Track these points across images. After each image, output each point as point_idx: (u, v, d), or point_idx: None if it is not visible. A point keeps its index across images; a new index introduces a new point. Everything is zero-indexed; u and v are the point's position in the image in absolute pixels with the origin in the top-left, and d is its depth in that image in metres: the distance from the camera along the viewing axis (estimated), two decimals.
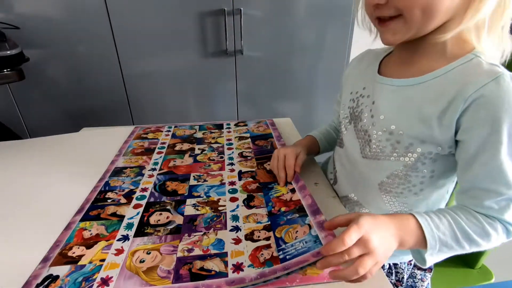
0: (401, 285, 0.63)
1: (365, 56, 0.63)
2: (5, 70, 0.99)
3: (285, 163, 0.64)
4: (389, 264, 0.63)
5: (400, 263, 0.63)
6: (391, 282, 0.63)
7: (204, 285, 0.42)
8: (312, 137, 0.75)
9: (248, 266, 0.44)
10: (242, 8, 1.26)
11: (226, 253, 0.47)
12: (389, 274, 0.63)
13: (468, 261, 0.74)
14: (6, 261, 0.47)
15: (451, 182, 0.54)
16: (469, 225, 0.44)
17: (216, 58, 1.36)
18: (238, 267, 0.44)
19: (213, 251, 0.47)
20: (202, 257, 0.46)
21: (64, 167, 0.73)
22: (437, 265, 0.68)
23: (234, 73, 1.40)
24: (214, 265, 0.45)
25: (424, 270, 0.66)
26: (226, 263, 0.45)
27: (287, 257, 0.44)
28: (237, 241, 0.49)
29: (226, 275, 0.43)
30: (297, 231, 0.49)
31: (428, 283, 0.67)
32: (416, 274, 0.66)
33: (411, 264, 0.64)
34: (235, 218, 0.54)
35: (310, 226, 0.49)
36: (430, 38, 0.45)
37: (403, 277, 0.63)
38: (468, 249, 0.44)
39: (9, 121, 1.26)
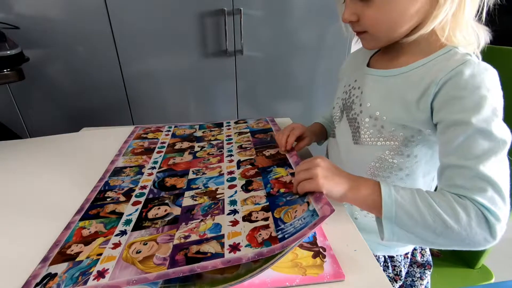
0: (400, 279, 0.63)
1: (359, 52, 0.68)
2: (5, 70, 0.99)
3: (290, 132, 0.69)
4: (385, 257, 0.63)
5: (396, 255, 0.63)
6: (388, 275, 0.63)
7: (199, 266, 0.40)
8: (320, 125, 0.79)
9: (245, 246, 0.42)
10: (242, 8, 1.26)
11: (223, 235, 0.45)
12: (385, 267, 0.63)
13: (468, 261, 0.74)
14: (6, 261, 0.47)
15: (436, 170, 0.53)
16: (433, 198, 0.42)
17: (216, 58, 1.36)
18: (235, 247, 0.43)
19: (210, 235, 0.46)
20: (199, 242, 0.45)
21: (64, 167, 0.73)
22: (437, 265, 0.68)
23: (234, 73, 1.40)
24: (210, 247, 0.43)
25: (424, 267, 0.66)
26: (222, 245, 0.43)
27: (286, 236, 0.42)
28: (234, 223, 0.48)
29: (222, 255, 0.41)
30: (296, 211, 0.47)
31: (427, 282, 0.66)
32: (415, 273, 0.66)
33: (407, 257, 0.64)
34: (233, 202, 0.53)
35: (308, 203, 0.47)
36: (405, 40, 0.52)
37: (400, 271, 0.63)
38: (432, 223, 0.41)
39: (9, 121, 1.26)
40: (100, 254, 0.45)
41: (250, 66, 1.39)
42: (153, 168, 0.70)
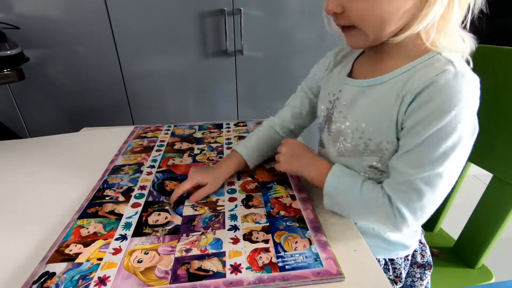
0: (400, 281, 0.63)
1: (341, 54, 0.64)
2: (5, 70, 0.99)
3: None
4: (385, 260, 0.63)
5: (397, 258, 0.63)
6: (389, 278, 0.63)
7: (201, 285, 0.41)
8: (236, 158, 0.67)
9: (246, 268, 0.44)
10: (242, 8, 1.26)
11: (224, 252, 0.47)
12: (386, 270, 0.63)
13: (468, 261, 0.74)
14: (4, 261, 0.47)
15: None
16: (367, 192, 0.49)
17: (216, 58, 1.36)
18: (236, 268, 0.44)
19: (211, 251, 0.47)
20: (200, 257, 0.46)
21: (64, 167, 0.73)
22: (437, 265, 0.68)
23: (234, 73, 1.40)
24: (212, 265, 0.45)
25: (424, 267, 0.66)
26: (224, 263, 0.45)
27: (286, 266, 0.44)
28: (235, 240, 0.49)
29: (224, 275, 0.43)
30: (296, 242, 0.49)
31: (427, 282, 0.66)
32: (415, 273, 0.66)
33: (408, 259, 0.64)
34: (234, 217, 0.54)
35: (310, 241, 0.49)
36: (389, 42, 0.48)
37: (401, 273, 0.63)
38: (357, 211, 0.52)
39: (9, 121, 1.26)
40: (101, 259, 0.46)
41: (250, 66, 1.39)
42: (152, 167, 0.70)
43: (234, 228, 0.52)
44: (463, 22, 0.46)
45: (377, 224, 0.55)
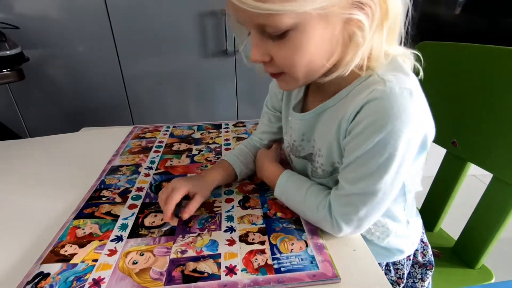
0: (402, 282, 0.63)
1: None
2: (5, 70, 0.99)
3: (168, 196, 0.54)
4: (387, 262, 0.63)
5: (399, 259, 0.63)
6: (391, 279, 0.63)
7: (196, 287, 0.41)
8: (225, 165, 0.64)
9: (242, 270, 0.44)
10: None
11: (220, 254, 0.46)
12: (387, 271, 0.63)
13: (468, 261, 0.74)
14: (2, 260, 0.47)
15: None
16: (309, 199, 0.52)
17: (216, 58, 1.36)
18: (231, 270, 0.44)
19: (206, 253, 0.47)
20: (195, 259, 0.46)
21: (64, 167, 0.73)
22: (437, 265, 0.67)
23: (234, 73, 1.40)
24: (207, 266, 0.44)
25: (426, 267, 0.65)
26: (219, 265, 0.44)
27: (282, 269, 0.44)
28: (231, 242, 0.49)
29: (218, 277, 0.43)
30: (293, 244, 0.48)
31: (429, 283, 0.66)
32: (417, 274, 0.65)
33: (409, 259, 0.64)
34: (230, 218, 0.54)
35: (306, 243, 0.49)
36: (321, 81, 0.46)
37: (403, 273, 0.63)
38: (300, 212, 0.54)
39: (9, 121, 1.26)
40: (96, 260, 0.46)
41: (250, 66, 1.39)
42: (150, 168, 0.70)
43: (230, 229, 0.51)
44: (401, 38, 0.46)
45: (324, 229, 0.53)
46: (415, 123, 0.41)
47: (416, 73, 0.48)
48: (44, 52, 1.25)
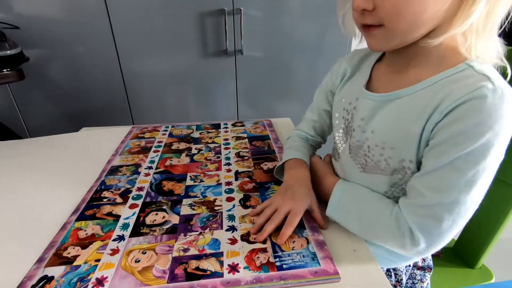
0: (400, 286, 0.63)
1: (359, 57, 0.58)
2: (5, 70, 0.99)
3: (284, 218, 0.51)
4: (388, 268, 0.63)
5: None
6: (390, 283, 0.63)
7: (199, 285, 0.41)
8: (303, 162, 0.61)
9: (244, 268, 0.44)
10: (242, 8, 1.26)
11: (222, 253, 0.47)
12: (388, 276, 0.63)
13: (468, 261, 0.74)
14: (1, 262, 0.47)
15: None
16: (376, 215, 0.47)
17: (216, 58, 1.36)
18: (233, 268, 0.44)
19: (208, 251, 0.47)
20: (198, 257, 0.46)
21: (64, 167, 0.73)
22: (437, 265, 0.68)
23: (234, 73, 1.40)
24: (209, 265, 0.45)
25: (424, 270, 0.65)
26: (221, 263, 0.45)
27: (284, 266, 0.44)
28: (233, 241, 0.49)
29: (221, 275, 0.43)
30: (294, 241, 0.49)
31: (427, 284, 0.66)
32: (416, 275, 0.66)
33: (410, 265, 0.64)
34: (231, 218, 0.54)
35: (307, 241, 0.49)
36: (418, 45, 0.43)
37: (401, 279, 0.63)
38: (362, 232, 0.50)
39: (9, 121, 1.26)
40: (98, 260, 0.46)
41: (250, 66, 1.39)
42: (150, 168, 0.70)
43: (232, 228, 0.52)
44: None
45: (385, 246, 0.50)
46: None
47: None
48: (44, 52, 1.25)
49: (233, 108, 1.48)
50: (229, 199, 0.59)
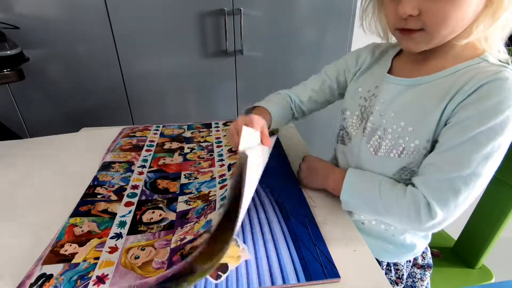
0: (401, 283, 0.63)
1: (378, 50, 0.62)
2: (5, 70, 0.99)
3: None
4: (388, 262, 0.63)
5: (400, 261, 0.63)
6: (391, 279, 0.63)
7: (190, 257, 0.41)
8: (266, 111, 0.66)
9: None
10: (242, 8, 1.26)
11: (212, 221, 0.47)
12: (388, 271, 0.63)
13: (468, 261, 0.74)
14: (1, 262, 0.47)
15: None
16: (389, 196, 0.50)
17: (216, 58, 1.36)
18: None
19: (202, 231, 0.47)
20: (192, 240, 0.46)
21: (63, 167, 0.73)
22: (437, 265, 0.68)
23: (234, 73, 1.40)
24: (202, 241, 0.44)
25: (424, 268, 0.66)
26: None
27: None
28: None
29: None
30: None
31: (427, 283, 0.66)
32: (416, 274, 0.66)
33: (410, 261, 0.64)
34: (224, 199, 0.54)
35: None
36: (458, 43, 0.46)
37: (402, 274, 0.63)
38: (376, 213, 0.52)
39: (9, 121, 1.26)
40: (98, 258, 0.46)
41: (250, 66, 1.39)
42: (143, 167, 0.70)
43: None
44: None
45: (398, 224, 0.54)
46: None
47: None
48: (44, 52, 1.25)
49: (233, 108, 1.48)
50: (223, 187, 0.59)
